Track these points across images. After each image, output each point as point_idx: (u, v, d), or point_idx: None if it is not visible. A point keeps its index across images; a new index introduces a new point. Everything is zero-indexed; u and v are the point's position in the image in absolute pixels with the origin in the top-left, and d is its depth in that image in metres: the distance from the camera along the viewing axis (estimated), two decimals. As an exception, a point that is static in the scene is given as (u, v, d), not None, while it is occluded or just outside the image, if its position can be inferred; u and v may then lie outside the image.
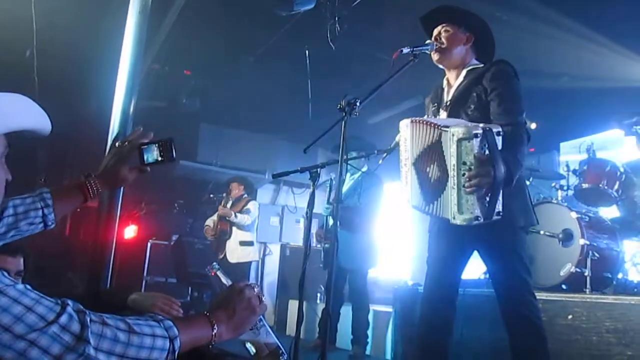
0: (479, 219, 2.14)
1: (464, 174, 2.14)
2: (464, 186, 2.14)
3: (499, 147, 2.13)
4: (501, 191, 2.14)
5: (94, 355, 0.91)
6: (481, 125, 2.17)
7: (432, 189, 2.31)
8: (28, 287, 0.93)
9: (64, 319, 0.91)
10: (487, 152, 2.11)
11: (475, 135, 2.10)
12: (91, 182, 1.48)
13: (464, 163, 2.14)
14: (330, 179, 4.87)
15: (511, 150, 2.21)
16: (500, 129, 2.16)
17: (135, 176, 1.55)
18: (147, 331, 0.99)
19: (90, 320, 0.93)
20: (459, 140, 2.14)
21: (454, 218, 2.21)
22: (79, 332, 0.91)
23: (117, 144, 1.55)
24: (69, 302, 0.94)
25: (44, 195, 1.43)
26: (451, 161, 2.18)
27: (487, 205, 2.13)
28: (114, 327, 0.96)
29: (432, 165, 2.31)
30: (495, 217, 2.15)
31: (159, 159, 1.53)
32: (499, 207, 2.14)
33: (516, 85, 2.40)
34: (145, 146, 1.52)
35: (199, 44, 5.34)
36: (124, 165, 1.51)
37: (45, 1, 3.92)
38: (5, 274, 0.93)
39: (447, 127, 2.21)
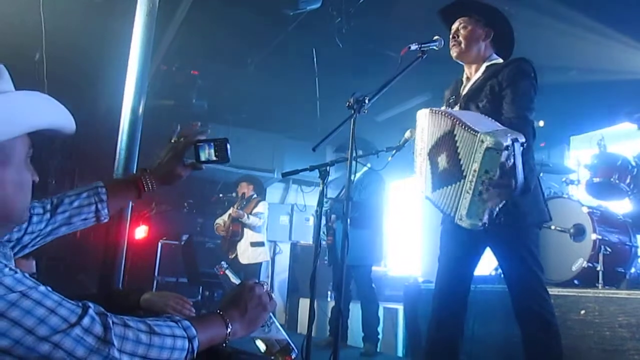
0: (485, 225, 2.13)
1: (483, 182, 2.09)
2: (479, 193, 2.11)
3: (521, 158, 2.10)
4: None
5: (118, 357, 0.92)
6: (509, 135, 2.10)
7: (444, 183, 2.29)
8: (49, 288, 0.93)
9: (86, 321, 0.91)
10: (511, 163, 2.07)
11: (506, 148, 2.05)
12: (146, 177, 1.47)
13: (487, 172, 2.09)
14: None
15: (526, 158, 2.18)
16: (524, 140, 2.11)
17: (189, 172, 1.55)
18: (167, 332, 1.00)
19: (113, 322, 0.94)
20: (488, 149, 2.08)
21: (460, 219, 2.19)
22: (102, 335, 0.92)
23: (173, 139, 1.53)
24: (90, 304, 0.94)
25: (98, 190, 1.43)
26: (472, 166, 2.13)
27: (494, 213, 2.13)
28: (135, 328, 0.96)
29: (446, 158, 2.29)
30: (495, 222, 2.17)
31: (214, 158, 1.51)
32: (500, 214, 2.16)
33: (532, 83, 2.39)
34: (201, 144, 1.51)
35: (206, 44, 5.35)
36: (179, 161, 1.51)
37: (54, 5, 3.94)
38: (27, 275, 0.93)
39: (476, 131, 2.15)
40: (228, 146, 1.50)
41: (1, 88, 0.99)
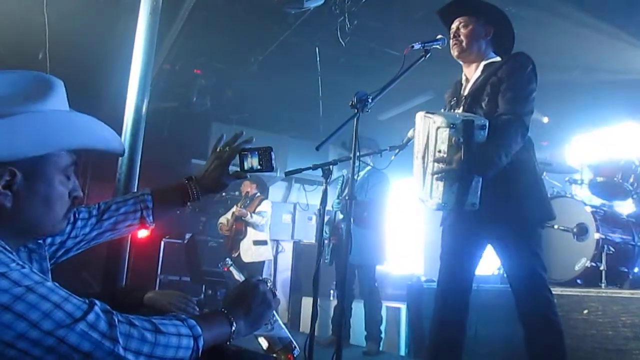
0: (446, 206, 2.25)
1: (437, 160, 2.24)
2: (436, 173, 2.24)
3: (481, 139, 2.20)
4: (474, 182, 2.20)
5: (123, 355, 0.92)
6: (463, 116, 2.24)
7: (425, 178, 2.37)
8: (57, 284, 0.94)
9: (91, 317, 0.91)
10: (461, 141, 2.18)
11: (451, 126, 2.19)
12: (192, 185, 1.48)
13: (439, 151, 2.24)
14: (343, 175, 4.88)
15: (496, 143, 2.23)
16: (485, 123, 2.22)
17: (233, 181, 1.55)
18: (173, 331, 1.01)
19: (118, 320, 0.94)
20: (437, 129, 2.24)
21: (426, 201, 2.32)
22: (107, 331, 0.92)
23: (218, 148, 1.53)
24: (97, 301, 0.95)
25: (144, 197, 1.45)
26: (430, 148, 2.29)
27: (455, 193, 2.21)
28: (140, 327, 0.97)
29: (428, 156, 2.35)
30: (468, 208, 2.22)
31: (258, 167, 1.52)
32: (472, 198, 2.21)
33: (529, 77, 2.37)
34: (246, 152, 1.52)
35: (209, 43, 5.36)
36: (225, 170, 1.51)
37: (57, 4, 3.95)
38: (36, 270, 0.94)
39: (432, 115, 2.32)
40: (272, 155, 1.51)
41: (50, 105, 1.02)
